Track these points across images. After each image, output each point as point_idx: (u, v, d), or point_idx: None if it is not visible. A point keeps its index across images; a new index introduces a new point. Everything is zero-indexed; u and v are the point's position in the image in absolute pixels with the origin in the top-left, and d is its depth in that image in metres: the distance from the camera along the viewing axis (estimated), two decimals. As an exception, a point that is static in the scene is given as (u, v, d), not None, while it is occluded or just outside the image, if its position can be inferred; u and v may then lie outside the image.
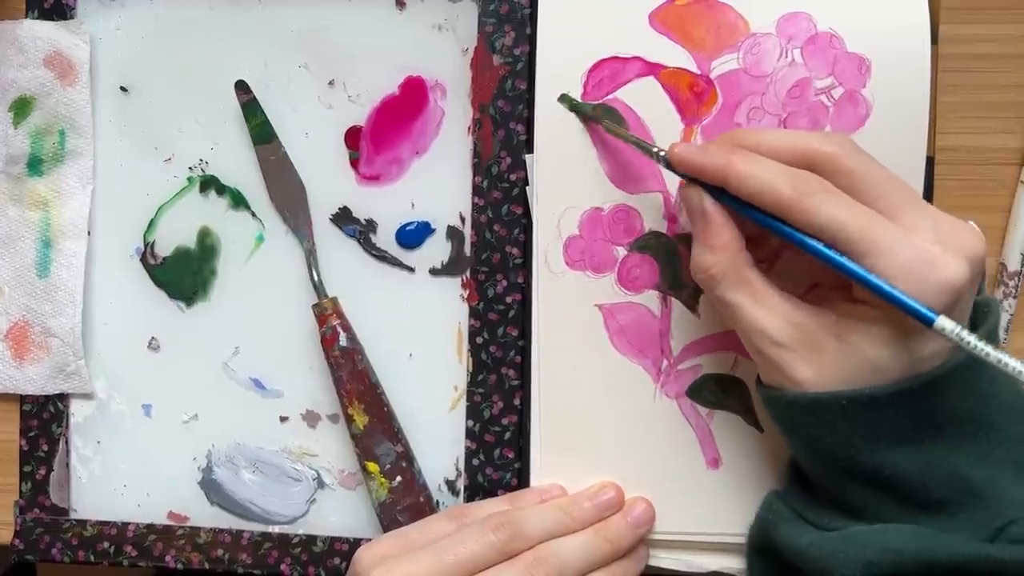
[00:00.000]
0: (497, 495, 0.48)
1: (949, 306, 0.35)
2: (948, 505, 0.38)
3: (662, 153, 0.41)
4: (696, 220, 0.40)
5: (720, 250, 0.39)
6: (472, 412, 0.49)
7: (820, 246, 0.37)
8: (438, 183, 0.50)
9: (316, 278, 0.51)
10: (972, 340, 0.34)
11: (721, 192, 0.39)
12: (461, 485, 0.50)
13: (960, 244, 0.36)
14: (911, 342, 0.36)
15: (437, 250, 0.51)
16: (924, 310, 0.35)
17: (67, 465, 0.54)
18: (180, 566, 0.52)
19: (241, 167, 0.52)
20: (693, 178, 0.40)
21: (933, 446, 0.37)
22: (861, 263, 0.36)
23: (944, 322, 0.35)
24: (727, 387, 0.46)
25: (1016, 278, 0.48)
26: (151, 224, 0.53)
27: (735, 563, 0.47)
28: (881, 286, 0.35)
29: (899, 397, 0.37)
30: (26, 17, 0.53)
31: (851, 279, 0.37)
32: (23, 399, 0.54)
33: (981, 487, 0.37)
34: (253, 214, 0.52)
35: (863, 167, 0.37)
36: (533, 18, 0.47)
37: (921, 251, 0.35)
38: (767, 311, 0.39)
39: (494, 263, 0.49)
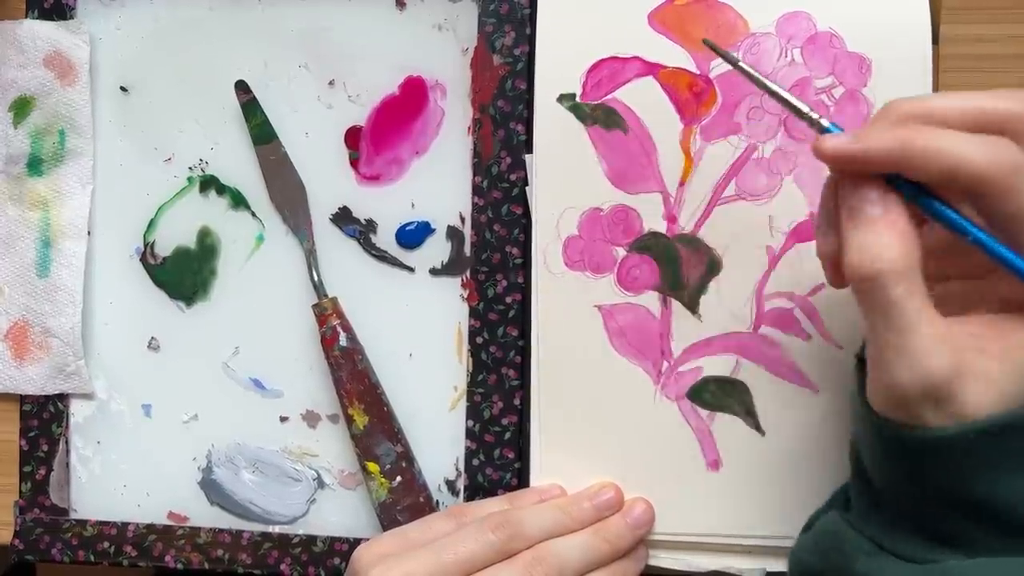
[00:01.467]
0: (497, 495, 0.48)
1: None
2: None
3: (816, 116, 0.36)
4: (863, 210, 0.33)
5: (904, 238, 0.32)
6: (472, 412, 0.49)
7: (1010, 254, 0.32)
8: (438, 183, 0.50)
9: (316, 278, 0.51)
10: None
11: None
12: (461, 485, 0.50)
13: None
14: None
15: (437, 250, 0.51)
16: None
17: (67, 465, 0.54)
18: (180, 566, 0.52)
19: (241, 167, 0.52)
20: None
21: None
22: None
23: None
24: (728, 389, 0.46)
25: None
26: (151, 224, 0.53)
27: (735, 563, 0.47)
28: None
29: None
30: (26, 17, 0.53)
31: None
32: (23, 399, 0.54)
33: None
34: (253, 214, 0.52)
35: None
36: (533, 18, 0.47)
37: None
38: (937, 331, 0.32)
39: (494, 263, 0.49)
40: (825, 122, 0.36)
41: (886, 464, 0.36)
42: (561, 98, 0.47)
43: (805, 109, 0.36)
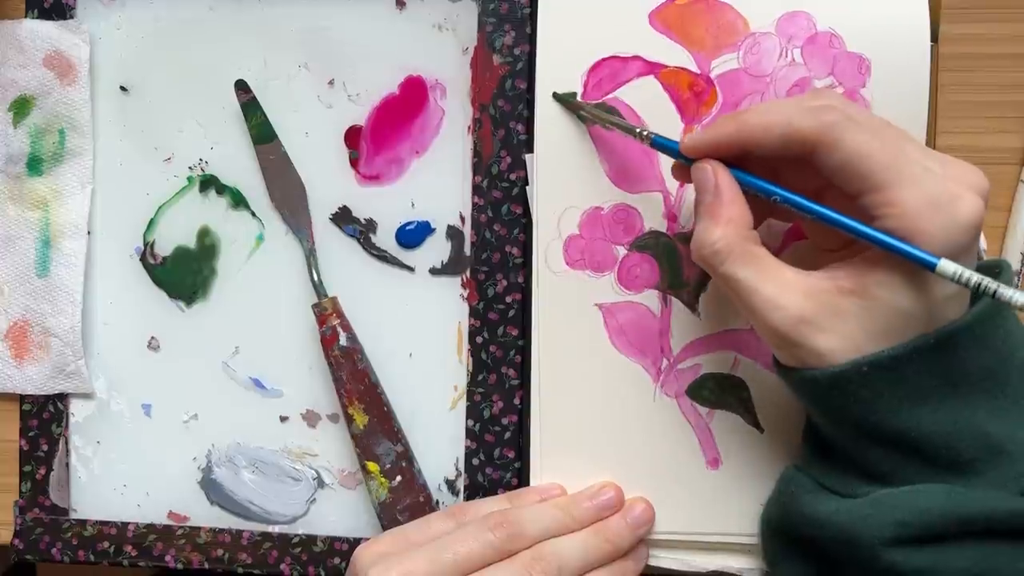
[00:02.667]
0: (497, 495, 0.48)
1: (970, 244, 0.35)
2: (973, 463, 0.37)
3: (645, 133, 0.41)
4: (706, 195, 0.39)
5: (727, 224, 0.38)
6: (472, 412, 0.49)
7: (814, 205, 0.37)
8: (438, 183, 0.50)
9: (316, 278, 0.51)
10: (975, 277, 0.34)
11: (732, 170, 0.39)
12: (461, 485, 0.50)
13: (970, 181, 0.36)
14: (930, 283, 0.36)
15: (437, 250, 0.51)
16: (924, 255, 0.35)
17: (67, 465, 0.53)
18: (180, 566, 0.52)
19: (241, 167, 0.52)
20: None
21: (955, 404, 0.37)
22: (883, 193, 0.35)
23: (946, 265, 0.34)
24: (727, 387, 0.46)
25: (1016, 278, 0.48)
26: (151, 224, 0.53)
27: (735, 563, 0.47)
28: (886, 240, 0.35)
29: (918, 353, 0.36)
30: (26, 17, 0.53)
31: (863, 239, 0.36)
32: (23, 399, 0.54)
33: (1003, 443, 0.37)
34: (253, 214, 0.52)
35: (863, 114, 0.37)
36: (533, 18, 0.47)
37: (941, 185, 0.35)
38: (780, 285, 0.37)
39: (494, 263, 0.49)
40: (652, 136, 0.42)
41: (809, 407, 0.40)
42: (555, 96, 0.47)
43: (637, 130, 0.42)
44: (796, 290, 0.37)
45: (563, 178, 0.47)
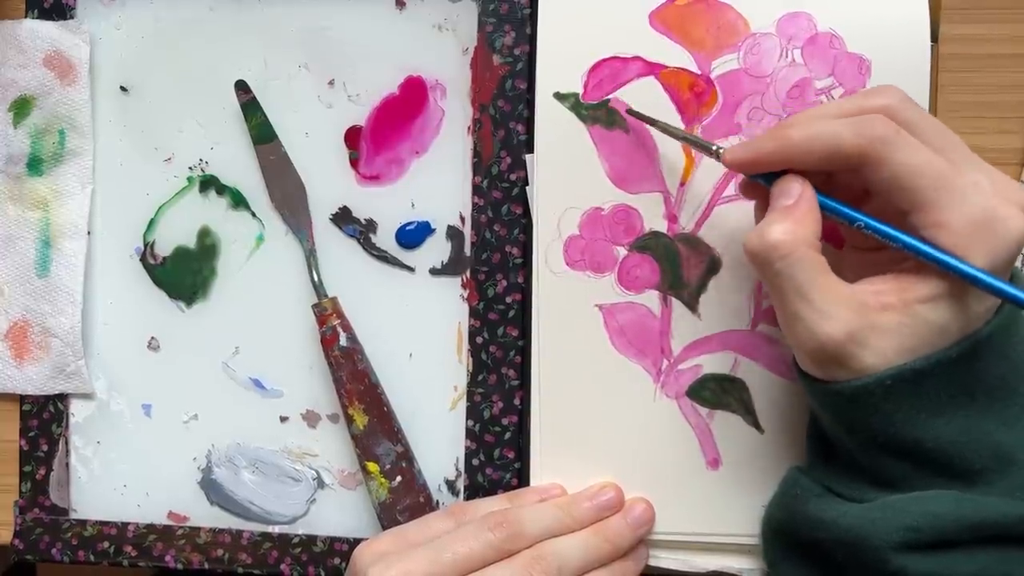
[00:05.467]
0: (496, 495, 0.48)
1: (1013, 262, 0.35)
2: (984, 473, 0.37)
3: (721, 150, 0.41)
4: (785, 199, 0.38)
5: (797, 223, 0.37)
6: (472, 412, 0.49)
7: (898, 233, 0.36)
8: (438, 183, 0.50)
9: (316, 278, 0.51)
10: None
11: None
12: (461, 485, 0.50)
13: (1017, 198, 0.36)
14: (971, 299, 0.36)
15: (437, 250, 0.51)
16: (1018, 293, 0.35)
17: (67, 465, 0.53)
18: (180, 566, 0.52)
19: (241, 167, 0.52)
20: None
21: (968, 414, 0.37)
22: (931, 213, 0.35)
23: None
24: (727, 387, 0.46)
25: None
26: (151, 224, 0.53)
27: (735, 563, 0.47)
28: (981, 277, 0.35)
29: (940, 366, 0.36)
30: (26, 17, 0.53)
31: (923, 259, 0.36)
32: (23, 399, 0.54)
33: (1012, 452, 0.37)
34: (253, 214, 0.52)
35: (920, 117, 0.36)
36: (533, 18, 0.47)
37: (988, 204, 0.35)
38: (833, 298, 0.36)
39: (494, 263, 0.49)
40: (722, 152, 0.40)
41: (824, 415, 0.40)
42: (557, 96, 0.47)
43: (713, 147, 0.41)
44: (845, 304, 0.36)
45: (563, 178, 0.47)
